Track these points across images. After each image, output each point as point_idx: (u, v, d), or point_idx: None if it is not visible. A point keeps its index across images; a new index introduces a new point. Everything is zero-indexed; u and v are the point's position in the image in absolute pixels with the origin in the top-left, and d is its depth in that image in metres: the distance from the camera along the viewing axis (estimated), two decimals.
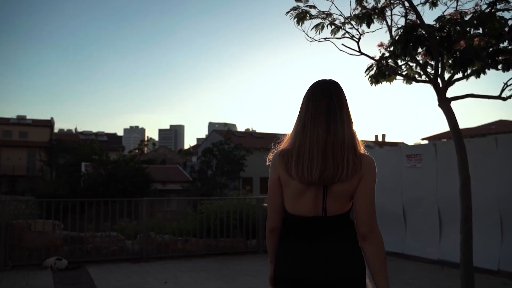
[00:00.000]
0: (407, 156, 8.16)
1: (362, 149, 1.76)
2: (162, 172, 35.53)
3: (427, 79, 4.61)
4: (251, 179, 34.36)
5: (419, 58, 5.03)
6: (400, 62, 5.06)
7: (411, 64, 4.90)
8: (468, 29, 4.42)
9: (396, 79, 5.23)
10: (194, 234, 8.04)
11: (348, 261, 1.70)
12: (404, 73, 4.88)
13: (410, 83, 5.49)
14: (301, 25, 4.63)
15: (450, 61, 4.89)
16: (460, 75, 4.78)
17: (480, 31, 4.38)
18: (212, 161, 32.84)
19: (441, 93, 4.54)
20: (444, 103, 4.53)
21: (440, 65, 4.55)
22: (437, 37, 4.39)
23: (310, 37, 4.70)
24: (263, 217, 7.80)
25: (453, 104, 4.64)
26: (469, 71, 4.69)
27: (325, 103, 1.74)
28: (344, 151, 1.69)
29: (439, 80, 4.64)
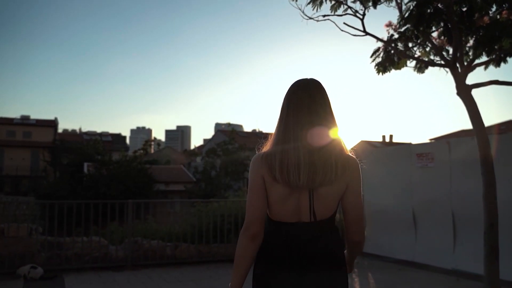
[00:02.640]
0: (418, 155, 7.46)
1: (346, 150, 1.71)
2: (165, 172, 34.99)
3: (443, 63, 3.92)
4: None
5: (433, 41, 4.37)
6: (411, 46, 4.38)
7: (424, 47, 4.21)
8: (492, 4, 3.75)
9: (406, 65, 4.57)
10: (185, 239, 7.40)
11: (336, 280, 1.66)
12: (417, 57, 4.20)
13: (422, 72, 4.83)
14: (296, 0, 3.98)
15: (470, 42, 4.23)
16: (482, 59, 4.11)
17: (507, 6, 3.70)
18: (215, 162, 32.25)
19: (460, 79, 3.87)
20: (464, 91, 3.86)
21: (459, 47, 3.87)
22: (456, 13, 3.71)
23: (307, 16, 4.05)
24: None
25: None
26: (493, 56, 4.02)
27: (306, 104, 1.67)
28: (332, 152, 1.63)
29: (458, 65, 3.97)
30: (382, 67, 4.66)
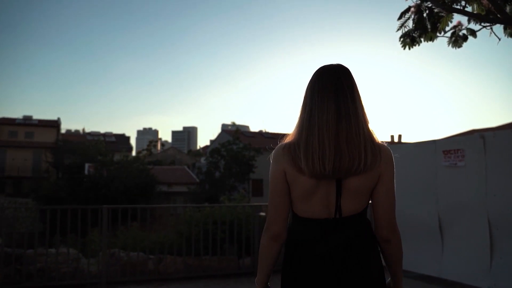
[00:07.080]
0: (445, 152, 6.35)
1: (377, 139, 1.59)
2: (168, 173, 34.20)
3: (500, 17, 2.84)
4: (261, 180, 32.61)
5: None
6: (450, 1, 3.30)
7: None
8: None
9: (445, 30, 3.49)
10: (171, 251, 6.34)
11: (368, 279, 1.54)
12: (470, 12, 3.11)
13: (459, 45, 3.77)
14: None
15: None
16: None
17: None
18: (219, 162, 31.27)
19: None
20: None
21: None
22: None
23: None
24: (260, 228, 6.10)
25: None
26: None
27: (333, 86, 1.55)
28: (360, 138, 1.52)
29: None
30: (410, 39, 3.62)
